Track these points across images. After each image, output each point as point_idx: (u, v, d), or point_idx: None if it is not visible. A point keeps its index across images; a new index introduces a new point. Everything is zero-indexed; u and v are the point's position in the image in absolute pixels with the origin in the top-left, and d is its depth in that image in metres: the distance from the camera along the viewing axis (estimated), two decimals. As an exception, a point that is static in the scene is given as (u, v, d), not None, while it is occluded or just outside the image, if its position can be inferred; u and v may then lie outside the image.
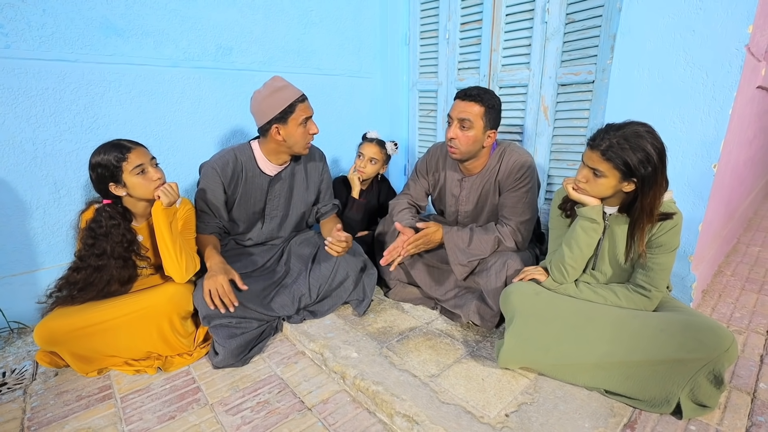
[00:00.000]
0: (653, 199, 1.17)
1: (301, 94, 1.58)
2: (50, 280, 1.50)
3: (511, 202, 1.64)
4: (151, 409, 1.29)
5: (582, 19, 1.78)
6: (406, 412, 1.18)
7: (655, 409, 1.18)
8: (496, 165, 1.68)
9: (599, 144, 1.17)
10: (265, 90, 1.56)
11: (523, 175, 1.62)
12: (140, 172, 1.39)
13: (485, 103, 1.54)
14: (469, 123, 1.54)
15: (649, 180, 1.14)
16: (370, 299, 1.76)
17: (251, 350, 1.53)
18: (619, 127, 1.17)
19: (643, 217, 1.19)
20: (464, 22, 2.22)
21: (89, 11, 1.61)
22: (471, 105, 1.54)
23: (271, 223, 1.82)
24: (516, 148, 1.69)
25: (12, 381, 1.41)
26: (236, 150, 1.68)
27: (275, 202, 1.79)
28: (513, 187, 1.63)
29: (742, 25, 1.34)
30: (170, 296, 1.45)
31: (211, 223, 1.68)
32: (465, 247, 1.63)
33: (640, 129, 1.15)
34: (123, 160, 1.36)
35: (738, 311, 1.78)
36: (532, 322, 1.31)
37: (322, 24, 2.30)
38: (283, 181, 1.77)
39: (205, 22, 1.90)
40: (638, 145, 1.13)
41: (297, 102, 1.56)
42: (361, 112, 2.63)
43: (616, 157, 1.14)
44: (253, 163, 1.69)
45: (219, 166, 1.63)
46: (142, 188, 1.40)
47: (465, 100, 1.55)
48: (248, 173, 1.68)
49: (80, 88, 1.65)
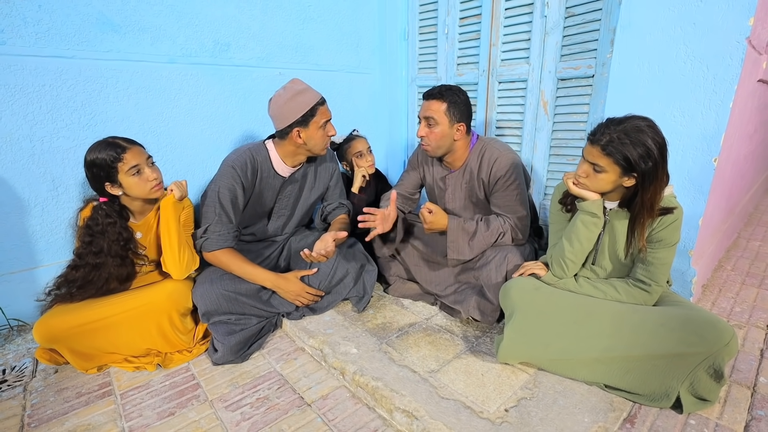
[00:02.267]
0: (653, 194, 1.16)
1: (321, 97, 1.58)
2: (49, 277, 1.50)
3: (504, 202, 1.65)
4: (150, 405, 1.29)
5: (582, 13, 1.77)
6: (405, 407, 1.18)
7: (655, 404, 1.18)
8: (476, 161, 1.69)
9: (599, 139, 1.16)
10: (285, 93, 1.53)
11: (508, 174, 1.62)
12: (136, 173, 1.38)
13: (446, 99, 1.59)
14: (433, 120, 1.60)
15: (649, 175, 1.14)
16: (370, 295, 1.75)
17: (251, 347, 1.53)
18: (620, 121, 1.16)
19: (643, 212, 1.19)
20: (463, 16, 2.21)
21: (85, 7, 1.60)
22: (433, 103, 1.60)
23: (277, 221, 1.81)
24: (496, 144, 1.69)
25: (12, 378, 1.41)
26: (252, 150, 1.64)
27: (284, 202, 1.78)
28: (501, 187, 1.64)
29: (743, 18, 1.33)
30: (169, 293, 1.45)
31: (231, 233, 1.60)
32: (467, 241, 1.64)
33: (640, 123, 1.14)
34: (118, 161, 1.35)
35: (738, 306, 1.78)
36: (532, 317, 1.30)
37: (320, 19, 2.29)
38: (295, 183, 1.76)
39: (203, 17, 1.89)
40: (639, 140, 1.12)
41: (318, 105, 1.55)
42: (360, 107, 2.62)
43: (616, 152, 1.13)
44: (268, 164, 1.66)
45: (239, 165, 1.58)
46: (138, 188, 1.40)
47: (428, 100, 1.63)
48: (263, 174, 1.66)
49: (77, 85, 1.64)
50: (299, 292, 1.65)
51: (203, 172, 2.03)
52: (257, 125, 2.16)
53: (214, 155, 2.04)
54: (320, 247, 1.56)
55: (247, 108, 2.10)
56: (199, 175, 2.02)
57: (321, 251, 1.55)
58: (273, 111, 1.57)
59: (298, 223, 1.89)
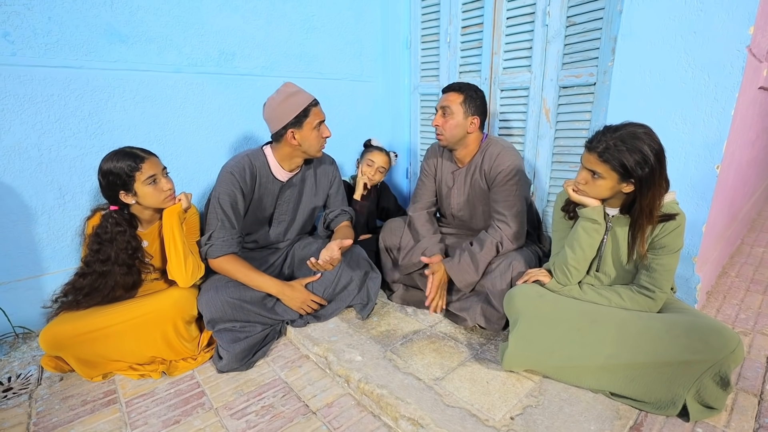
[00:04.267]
0: (652, 199, 1.17)
1: (314, 99, 1.61)
2: (55, 285, 1.51)
3: (502, 197, 1.68)
4: (155, 413, 1.29)
5: (583, 22, 1.79)
6: (410, 415, 1.18)
7: (661, 411, 1.17)
8: (481, 156, 1.75)
9: (596, 146, 1.18)
10: (278, 96, 1.57)
11: (509, 168, 1.67)
12: (152, 182, 1.40)
13: (464, 92, 1.68)
14: (449, 110, 1.67)
15: (647, 181, 1.15)
16: (374, 303, 1.76)
17: (255, 354, 1.53)
18: (617, 128, 1.18)
19: (642, 217, 1.20)
20: (465, 25, 2.23)
21: (94, 18, 1.63)
22: (451, 94, 1.69)
23: (278, 227, 1.82)
24: (501, 141, 1.75)
25: (17, 386, 1.41)
26: (250, 155, 1.66)
27: (284, 207, 1.79)
28: (501, 181, 1.68)
29: (743, 27, 1.34)
30: (174, 300, 1.45)
31: (235, 238, 1.60)
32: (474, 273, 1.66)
33: (637, 130, 1.16)
34: (136, 170, 1.37)
35: (743, 312, 1.77)
36: (536, 325, 1.30)
37: (323, 29, 2.31)
38: (294, 187, 1.77)
39: (208, 28, 1.91)
40: (635, 147, 1.13)
41: (311, 106, 1.58)
42: (363, 115, 2.64)
43: (612, 158, 1.15)
44: (266, 169, 1.69)
45: (237, 171, 1.60)
46: (153, 198, 1.42)
47: (447, 92, 1.72)
48: (262, 179, 1.68)
49: (85, 95, 1.66)
50: (304, 299, 1.65)
51: (208, 180, 2.05)
52: (262, 133, 2.18)
53: (218, 163, 2.04)
54: (326, 255, 1.57)
55: (252, 116, 2.13)
56: (204, 183, 2.04)
57: (327, 259, 1.56)
58: (267, 114, 1.60)
59: (300, 229, 1.90)
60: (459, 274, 1.68)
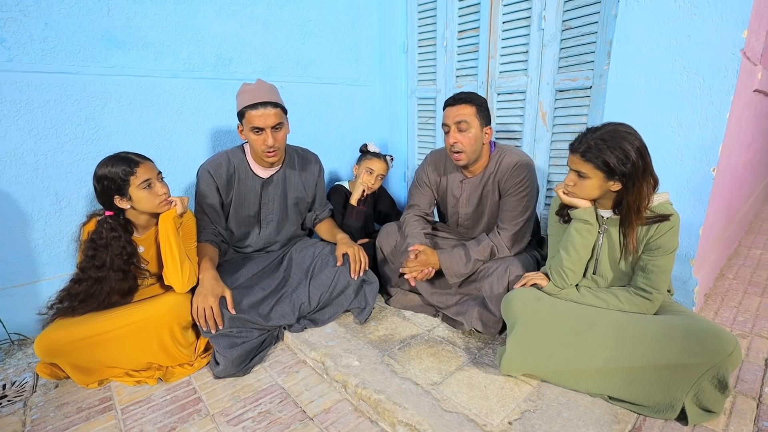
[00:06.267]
0: (638, 195, 1.18)
1: (257, 102, 1.51)
2: (51, 291, 1.50)
3: (510, 206, 1.66)
4: (151, 420, 1.28)
5: (578, 26, 1.80)
6: (408, 420, 1.17)
7: (660, 415, 1.17)
8: (495, 166, 1.70)
9: (579, 147, 1.21)
10: (240, 89, 1.59)
11: (524, 179, 1.64)
12: (147, 187, 1.40)
13: (475, 103, 1.59)
14: (466, 124, 1.58)
15: (631, 177, 1.17)
16: (372, 307, 1.75)
17: (252, 360, 1.52)
18: (597, 128, 1.21)
19: (631, 214, 1.21)
20: (462, 30, 2.24)
21: (90, 24, 1.63)
22: (463, 107, 1.59)
23: (267, 227, 1.83)
24: (515, 150, 1.73)
25: (12, 393, 1.40)
26: (229, 153, 1.71)
27: (270, 206, 1.79)
28: (513, 191, 1.65)
29: (736, 30, 1.35)
30: (171, 306, 1.45)
31: (208, 229, 1.69)
32: (463, 265, 1.66)
33: (618, 128, 1.19)
34: (131, 174, 1.37)
35: (741, 315, 1.77)
36: (534, 328, 1.30)
37: (320, 33, 2.32)
38: (275, 185, 1.78)
39: (205, 33, 1.92)
40: (616, 144, 1.16)
41: (247, 108, 1.53)
42: (361, 120, 2.64)
43: (595, 157, 1.18)
44: (245, 165, 1.71)
45: (212, 167, 1.66)
46: (148, 202, 1.41)
47: (456, 105, 1.60)
48: (241, 175, 1.70)
49: (81, 100, 1.66)
50: (200, 305, 1.46)
51: (205, 185, 2.04)
52: (259, 138, 2.18)
53: (215, 168, 2.05)
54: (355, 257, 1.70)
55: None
56: (201, 188, 2.03)
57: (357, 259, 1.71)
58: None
59: (292, 232, 1.90)
60: (448, 261, 1.66)
